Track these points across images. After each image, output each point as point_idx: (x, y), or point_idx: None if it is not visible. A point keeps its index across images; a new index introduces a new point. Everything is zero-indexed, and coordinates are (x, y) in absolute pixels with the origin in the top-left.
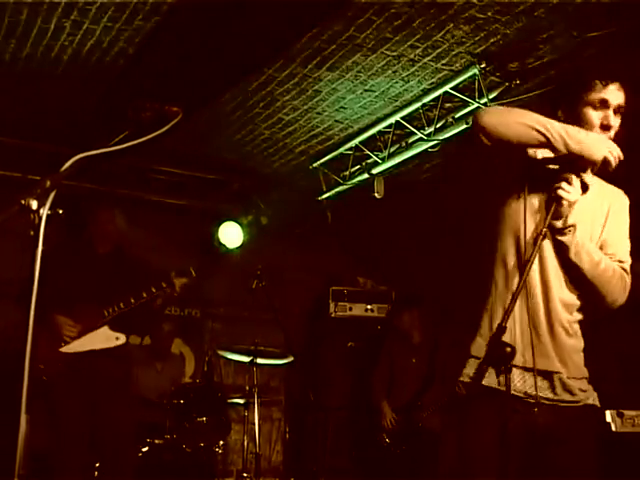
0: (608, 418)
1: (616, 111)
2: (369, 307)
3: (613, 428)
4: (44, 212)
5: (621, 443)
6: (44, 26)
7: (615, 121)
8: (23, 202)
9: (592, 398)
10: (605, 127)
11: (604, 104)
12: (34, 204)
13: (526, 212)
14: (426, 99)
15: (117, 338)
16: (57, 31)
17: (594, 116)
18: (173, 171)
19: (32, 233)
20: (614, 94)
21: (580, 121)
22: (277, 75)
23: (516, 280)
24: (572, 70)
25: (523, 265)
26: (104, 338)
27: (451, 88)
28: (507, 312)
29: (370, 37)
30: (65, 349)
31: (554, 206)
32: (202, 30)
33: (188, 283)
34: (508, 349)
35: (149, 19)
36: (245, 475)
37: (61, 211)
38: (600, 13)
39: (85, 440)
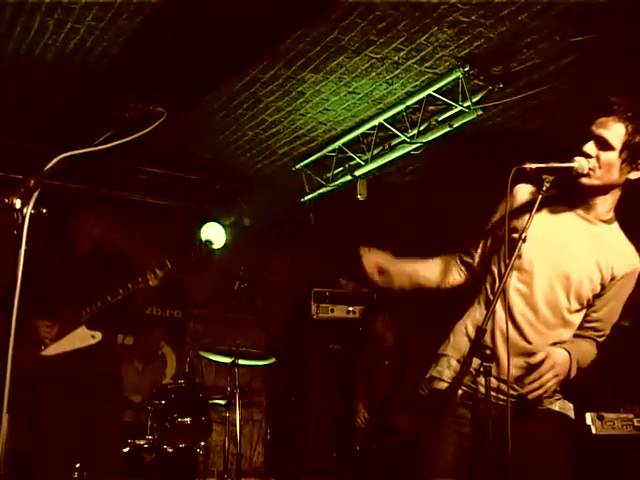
0: (588, 421)
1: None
2: (351, 309)
3: (593, 431)
4: (27, 211)
5: (600, 445)
6: (28, 24)
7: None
8: (6, 201)
9: (559, 405)
10: (586, 155)
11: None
12: (17, 203)
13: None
14: (409, 102)
15: (93, 336)
16: (41, 30)
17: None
18: (156, 171)
19: (15, 232)
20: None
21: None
22: (261, 76)
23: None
24: None
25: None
26: (81, 338)
27: (435, 91)
28: (486, 316)
29: (354, 39)
30: (45, 352)
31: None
32: (186, 31)
33: (164, 275)
34: (488, 351)
35: (133, 19)
36: (226, 476)
37: (44, 210)
38: (583, 18)
39: (69, 442)
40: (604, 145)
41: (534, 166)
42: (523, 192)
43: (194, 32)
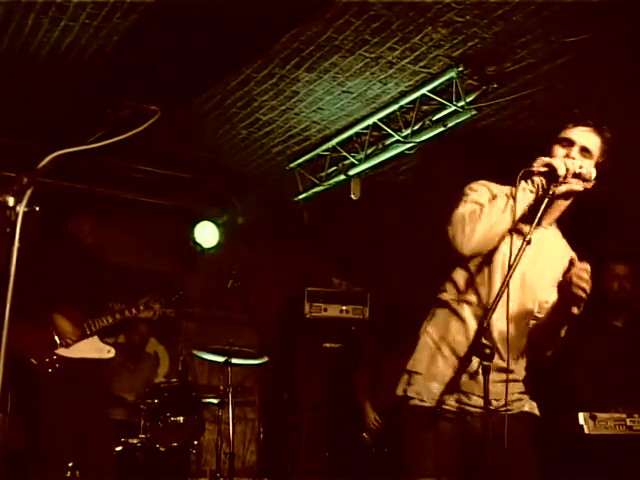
0: (581, 420)
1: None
2: (344, 308)
3: (586, 430)
4: (21, 209)
5: (593, 445)
6: (22, 22)
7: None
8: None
9: (528, 406)
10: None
11: (569, 143)
12: (11, 201)
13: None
14: (403, 101)
15: (109, 351)
16: (35, 28)
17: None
18: (150, 170)
19: (8, 230)
20: (581, 135)
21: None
22: (255, 75)
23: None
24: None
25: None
26: (96, 348)
27: (428, 91)
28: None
29: (349, 39)
30: (62, 352)
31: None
32: (180, 29)
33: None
34: (487, 350)
35: (127, 17)
36: (219, 475)
37: (38, 208)
38: (577, 18)
39: (67, 441)
40: (585, 153)
41: (542, 169)
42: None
43: (188, 31)
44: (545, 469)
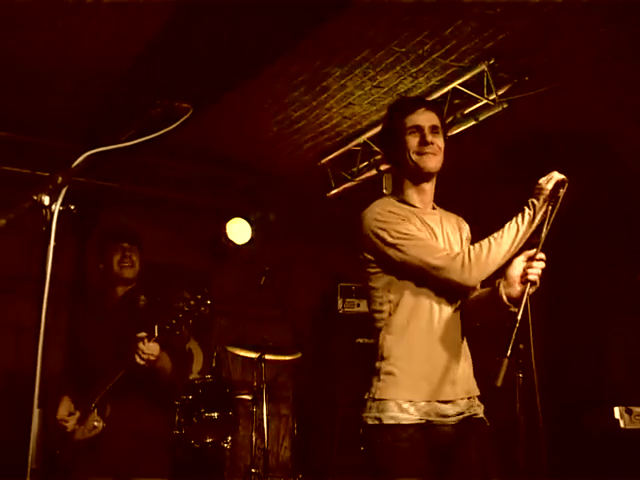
0: (617, 415)
1: (433, 130)
2: None
3: (622, 425)
4: (56, 208)
5: (628, 439)
6: (54, 22)
7: (434, 138)
8: (35, 198)
9: (481, 409)
10: (423, 143)
11: (419, 129)
12: (46, 200)
13: None
14: (434, 95)
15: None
16: (67, 27)
17: (413, 141)
18: (182, 167)
19: (44, 229)
20: (423, 116)
21: (404, 150)
22: (286, 71)
23: None
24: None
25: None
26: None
27: (460, 84)
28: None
29: (379, 33)
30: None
31: None
32: (210, 27)
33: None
34: (521, 346)
35: (159, 15)
36: (253, 471)
37: (73, 207)
38: (609, 9)
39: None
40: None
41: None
42: None
43: (218, 28)
44: (581, 464)
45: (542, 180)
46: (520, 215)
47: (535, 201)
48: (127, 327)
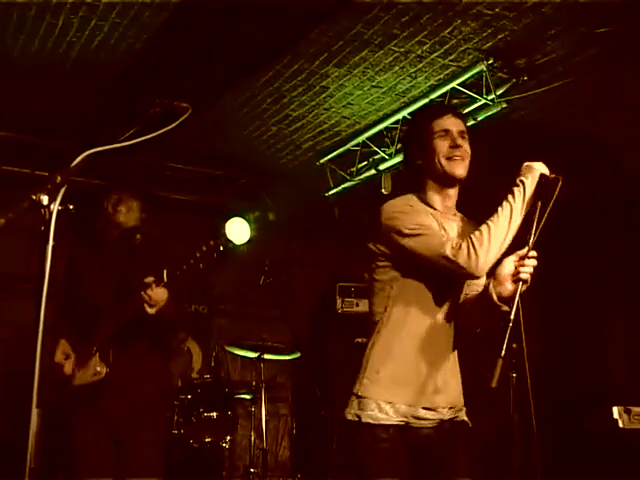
0: (615, 415)
1: (461, 135)
2: None
3: (621, 424)
4: (55, 207)
5: (627, 439)
6: (52, 22)
7: (462, 142)
8: (34, 197)
9: (463, 414)
10: (454, 146)
11: (447, 132)
12: (45, 199)
13: None
14: (433, 95)
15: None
16: (65, 27)
17: (442, 144)
18: (180, 167)
19: (43, 228)
20: (451, 121)
21: (432, 154)
22: (285, 71)
23: None
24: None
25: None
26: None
27: (458, 84)
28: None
29: (378, 33)
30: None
31: None
32: (210, 26)
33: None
34: (514, 345)
35: (157, 15)
36: (252, 471)
37: (72, 207)
38: (608, 10)
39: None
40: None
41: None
42: None
43: (217, 28)
44: (580, 464)
45: (528, 162)
46: (510, 195)
47: (524, 179)
48: (125, 266)
